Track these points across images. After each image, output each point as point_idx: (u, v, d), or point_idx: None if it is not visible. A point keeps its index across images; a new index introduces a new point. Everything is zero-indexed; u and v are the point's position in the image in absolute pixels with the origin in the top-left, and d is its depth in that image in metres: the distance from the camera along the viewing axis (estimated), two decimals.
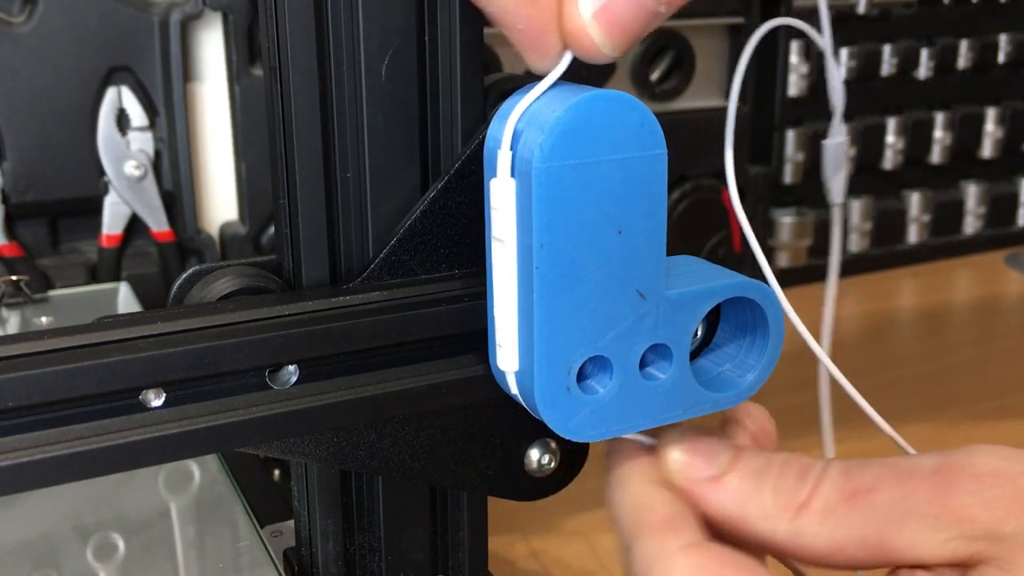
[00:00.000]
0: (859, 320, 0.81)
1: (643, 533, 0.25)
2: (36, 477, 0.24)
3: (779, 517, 0.25)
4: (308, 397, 0.27)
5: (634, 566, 0.25)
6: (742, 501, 0.26)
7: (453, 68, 0.29)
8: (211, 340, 0.26)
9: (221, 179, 0.66)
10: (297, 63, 0.28)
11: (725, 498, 0.26)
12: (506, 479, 0.32)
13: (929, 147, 0.89)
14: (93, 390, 0.24)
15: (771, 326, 0.27)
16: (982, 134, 0.91)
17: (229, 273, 0.30)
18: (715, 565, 0.24)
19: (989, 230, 0.94)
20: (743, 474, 0.26)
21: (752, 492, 0.26)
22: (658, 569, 0.24)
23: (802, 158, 0.83)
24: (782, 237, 0.84)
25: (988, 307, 0.83)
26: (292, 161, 0.29)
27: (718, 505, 0.26)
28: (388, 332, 0.28)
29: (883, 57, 0.84)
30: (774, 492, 0.25)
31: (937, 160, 0.90)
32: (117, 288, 0.56)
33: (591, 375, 0.26)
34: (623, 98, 0.24)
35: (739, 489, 0.26)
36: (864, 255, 0.88)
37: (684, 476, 0.26)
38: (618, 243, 0.25)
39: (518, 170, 0.24)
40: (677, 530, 0.25)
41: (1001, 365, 0.70)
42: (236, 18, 0.62)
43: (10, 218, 0.60)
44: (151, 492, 0.40)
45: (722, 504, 0.26)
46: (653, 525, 0.25)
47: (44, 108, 0.59)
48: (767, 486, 0.26)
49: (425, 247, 0.29)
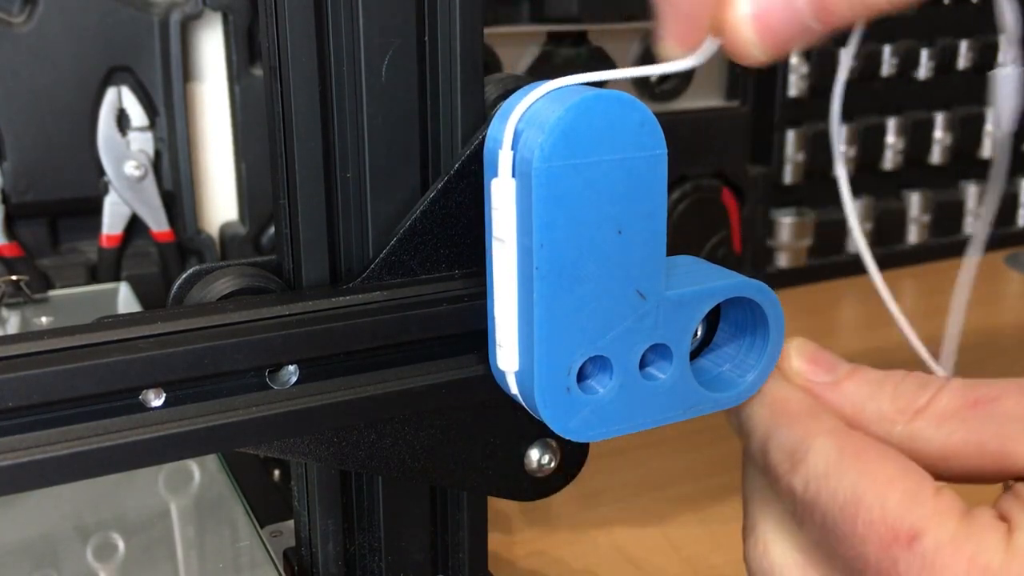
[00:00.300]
0: (859, 320, 0.81)
1: (785, 422, 0.25)
2: (36, 477, 0.24)
3: (895, 420, 0.25)
4: (308, 397, 0.27)
5: (773, 456, 0.25)
6: (860, 404, 0.26)
7: (453, 68, 0.29)
8: (211, 340, 0.26)
9: (221, 179, 0.66)
10: (297, 63, 0.28)
11: (843, 401, 0.26)
12: (506, 479, 0.32)
13: (929, 147, 0.89)
14: (93, 390, 0.24)
15: (771, 326, 0.27)
16: (982, 134, 0.91)
17: (229, 273, 0.30)
18: (857, 446, 0.24)
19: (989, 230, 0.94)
20: (861, 381, 0.26)
21: (869, 397, 0.26)
22: (802, 449, 0.24)
23: (802, 158, 0.83)
24: (782, 237, 0.84)
25: (988, 307, 0.83)
26: (292, 161, 0.29)
27: (837, 408, 0.26)
28: (388, 332, 0.28)
29: (883, 57, 0.84)
30: (892, 397, 0.25)
31: (937, 160, 0.90)
32: (117, 288, 0.56)
33: (591, 375, 0.26)
34: (623, 98, 0.24)
35: (857, 392, 0.26)
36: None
37: (804, 380, 0.27)
38: (618, 243, 0.25)
39: (518, 170, 0.24)
40: (818, 418, 0.25)
41: (1001, 365, 0.70)
42: (236, 18, 0.62)
43: (10, 218, 0.60)
44: (151, 492, 0.40)
45: (840, 406, 0.26)
46: (794, 414, 0.26)
47: (44, 108, 0.59)
48: (885, 392, 0.26)
49: (425, 247, 0.29)
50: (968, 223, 0.93)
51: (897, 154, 0.87)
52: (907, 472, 0.23)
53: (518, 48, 0.72)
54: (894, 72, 0.85)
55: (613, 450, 0.53)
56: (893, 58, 0.84)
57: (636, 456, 0.55)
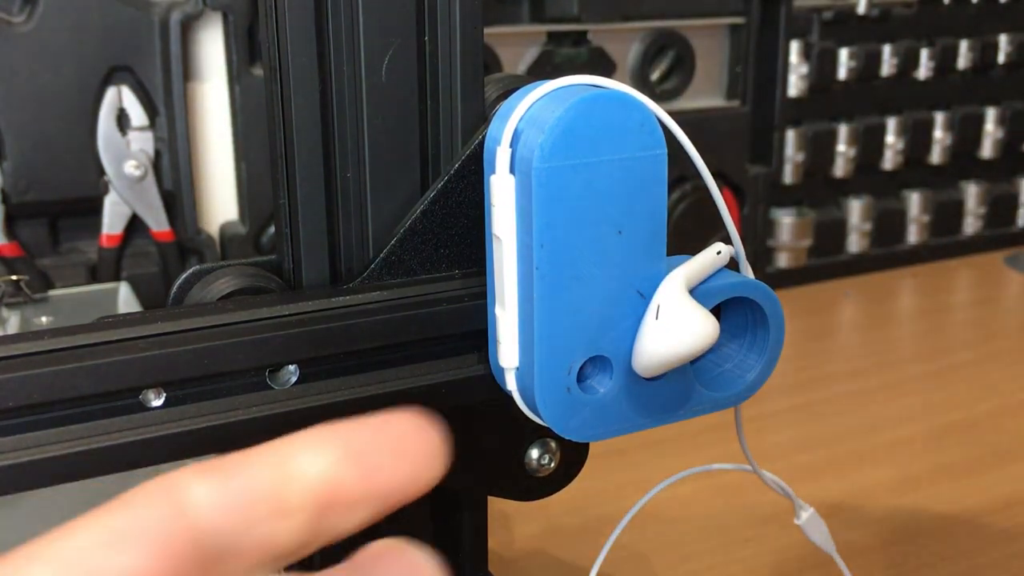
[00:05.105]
0: (859, 320, 0.81)
1: None
2: (36, 477, 0.24)
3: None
4: (308, 397, 0.27)
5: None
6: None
7: (453, 68, 0.29)
8: (211, 340, 0.26)
9: (221, 179, 0.66)
10: (297, 63, 0.28)
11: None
12: (506, 479, 0.32)
13: (929, 147, 0.89)
14: (93, 390, 0.24)
15: (771, 326, 0.27)
16: (982, 134, 0.91)
17: (229, 273, 0.30)
18: None
19: (989, 230, 0.94)
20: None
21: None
22: None
23: (802, 158, 0.83)
24: (782, 237, 0.84)
25: (988, 307, 0.83)
26: (292, 161, 0.29)
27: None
28: (388, 332, 0.28)
29: (883, 57, 0.84)
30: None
31: (937, 160, 0.90)
32: (117, 288, 0.56)
33: (591, 375, 0.26)
34: (623, 98, 0.24)
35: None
36: (864, 255, 0.88)
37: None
38: (618, 243, 0.25)
39: (518, 170, 0.24)
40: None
41: (1001, 365, 0.70)
42: (236, 18, 0.62)
43: (10, 218, 0.60)
44: None
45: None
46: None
47: (44, 108, 0.59)
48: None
49: (425, 247, 0.29)
50: (968, 223, 0.93)
51: (897, 154, 0.87)
52: None
53: (518, 48, 0.72)
54: (894, 72, 0.85)
55: (613, 450, 0.53)
56: (893, 58, 0.84)
57: (636, 456, 0.55)
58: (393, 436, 0.22)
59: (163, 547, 0.19)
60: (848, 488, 0.53)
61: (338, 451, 0.21)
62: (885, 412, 0.62)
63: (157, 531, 0.19)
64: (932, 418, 0.61)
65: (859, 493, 0.52)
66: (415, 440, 0.23)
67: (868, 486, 0.53)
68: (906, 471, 0.55)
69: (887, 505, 0.51)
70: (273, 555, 0.21)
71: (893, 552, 0.47)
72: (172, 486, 0.20)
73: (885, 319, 0.80)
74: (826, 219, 0.86)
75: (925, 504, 0.51)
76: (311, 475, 0.21)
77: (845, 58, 0.82)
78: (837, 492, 0.52)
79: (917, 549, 0.47)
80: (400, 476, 0.23)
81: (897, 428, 0.60)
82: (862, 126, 0.85)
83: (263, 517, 0.20)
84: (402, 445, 0.22)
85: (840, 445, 0.58)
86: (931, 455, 0.56)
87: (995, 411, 0.62)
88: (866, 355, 0.71)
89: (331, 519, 0.21)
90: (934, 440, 0.58)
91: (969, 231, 0.93)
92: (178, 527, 0.19)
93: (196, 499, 0.20)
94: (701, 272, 0.26)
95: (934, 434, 0.59)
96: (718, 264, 0.27)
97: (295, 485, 0.21)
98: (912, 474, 0.54)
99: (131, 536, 0.19)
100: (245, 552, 0.20)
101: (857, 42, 0.82)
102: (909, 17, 0.85)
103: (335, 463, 0.21)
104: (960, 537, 0.48)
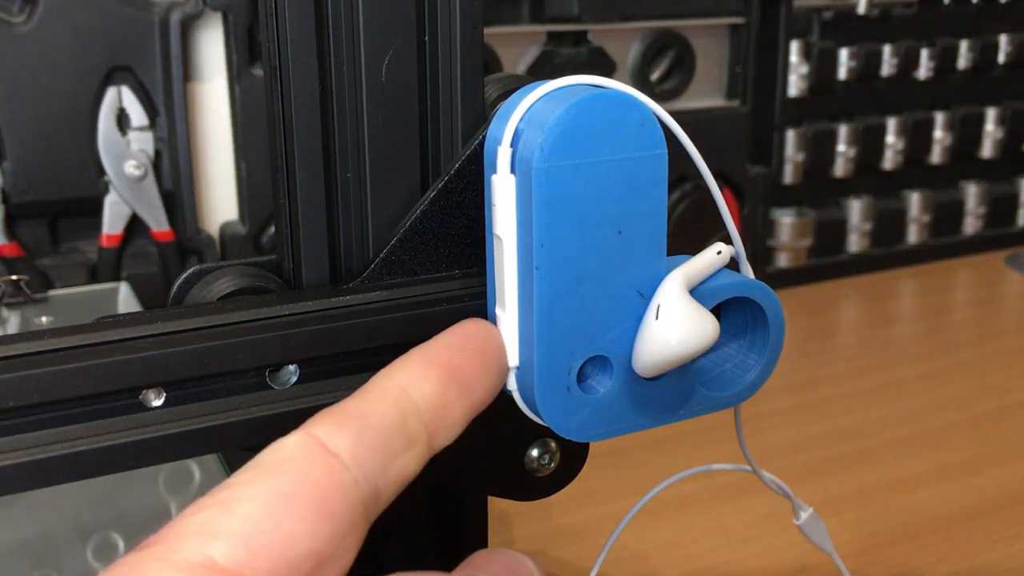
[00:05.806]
0: (859, 320, 0.81)
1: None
2: (36, 477, 0.24)
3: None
4: (308, 397, 0.27)
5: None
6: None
7: (453, 68, 0.29)
8: (211, 340, 0.26)
9: (221, 179, 0.66)
10: (297, 63, 0.28)
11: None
12: (506, 479, 0.32)
13: (929, 147, 0.89)
14: (93, 390, 0.24)
15: (771, 326, 0.27)
16: (982, 134, 0.91)
17: (229, 273, 0.30)
18: None
19: (989, 230, 0.94)
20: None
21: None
22: None
23: (802, 158, 0.83)
24: (782, 237, 0.84)
25: (988, 307, 0.83)
26: (292, 161, 0.29)
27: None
28: (388, 332, 0.28)
29: (883, 57, 0.84)
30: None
31: (937, 160, 0.90)
32: (117, 288, 0.56)
33: (591, 375, 0.26)
34: (624, 98, 0.24)
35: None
36: (864, 255, 0.88)
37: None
38: (618, 243, 0.25)
39: (518, 170, 0.24)
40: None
41: (1001, 365, 0.70)
42: (236, 18, 0.62)
43: (10, 218, 0.60)
44: (151, 492, 0.40)
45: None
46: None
47: (44, 108, 0.59)
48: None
49: (425, 247, 0.29)
50: (968, 223, 0.93)
51: (897, 154, 0.87)
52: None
53: (518, 48, 0.72)
54: (894, 72, 0.85)
55: (613, 450, 0.53)
56: (893, 58, 0.84)
57: (636, 456, 0.55)
58: (478, 350, 0.23)
59: (334, 503, 0.19)
60: (848, 488, 0.53)
61: (441, 374, 0.22)
62: (885, 412, 0.62)
63: (323, 487, 0.19)
64: (932, 418, 0.61)
65: (859, 493, 0.52)
66: (494, 349, 0.24)
67: (868, 486, 0.53)
68: (906, 471, 0.55)
69: (887, 505, 0.51)
70: (404, 485, 0.22)
71: (893, 552, 0.47)
72: (317, 443, 0.20)
73: (885, 319, 0.80)
74: (826, 219, 0.86)
75: (925, 504, 0.51)
76: (425, 402, 0.22)
77: (845, 58, 0.82)
78: (837, 492, 0.52)
79: (917, 549, 0.47)
80: (489, 387, 0.24)
81: (897, 428, 0.60)
82: (862, 126, 0.85)
83: (399, 451, 0.21)
84: (486, 358, 0.24)
85: (840, 445, 0.58)
86: (931, 455, 0.56)
87: (995, 411, 0.62)
88: (866, 355, 0.71)
89: (439, 440, 0.23)
90: (934, 440, 0.58)
91: (969, 231, 0.93)
92: (340, 481, 0.20)
93: (343, 449, 0.20)
94: (701, 272, 0.26)
95: (934, 434, 0.59)
96: (718, 264, 0.27)
97: (415, 415, 0.22)
98: (912, 474, 0.54)
99: (301, 499, 0.19)
100: (389, 487, 0.21)
101: (857, 42, 0.82)
102: (909, 17, 0.85)
103: (441, 387, 0.22)
104: (960, 537, 0.48)
